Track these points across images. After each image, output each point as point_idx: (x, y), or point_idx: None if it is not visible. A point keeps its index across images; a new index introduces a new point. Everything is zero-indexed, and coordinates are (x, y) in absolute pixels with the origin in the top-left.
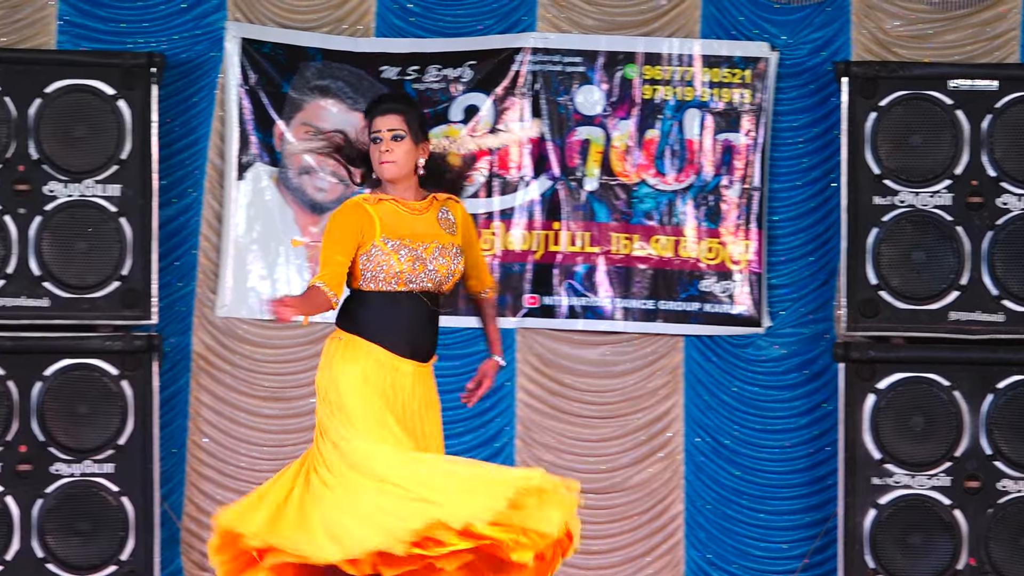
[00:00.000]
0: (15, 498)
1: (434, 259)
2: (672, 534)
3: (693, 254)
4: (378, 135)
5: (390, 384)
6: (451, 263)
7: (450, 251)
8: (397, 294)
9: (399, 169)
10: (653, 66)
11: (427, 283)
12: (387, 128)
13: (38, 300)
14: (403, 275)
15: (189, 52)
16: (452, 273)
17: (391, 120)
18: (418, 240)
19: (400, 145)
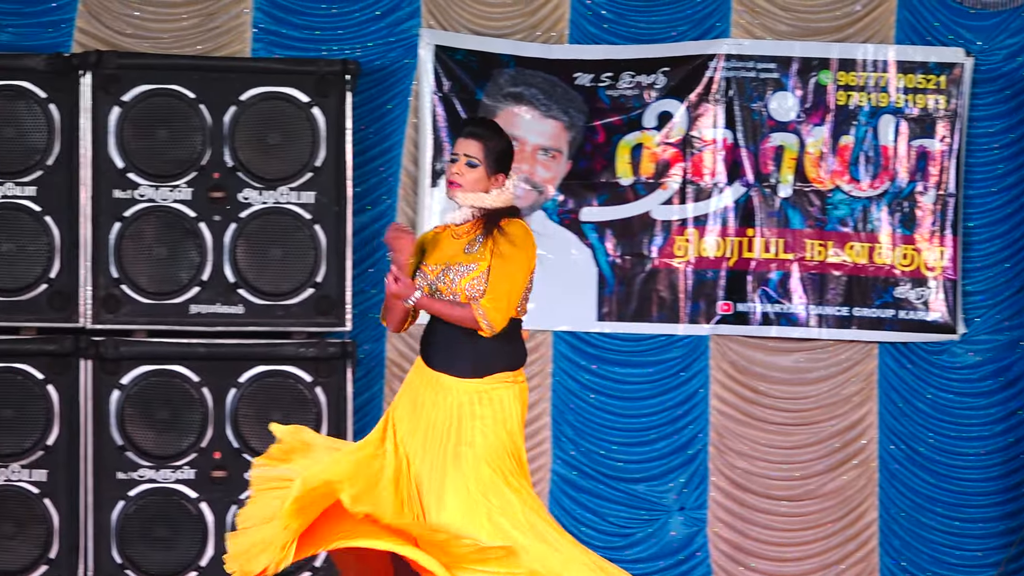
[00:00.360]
0: (210, 505)
1: (439, 280)
2: (866, 542)
3: (888, 261)
4: (456, 156)
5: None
6: (452, 283)
7: (454, 270)
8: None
9: (462, 195)
10: (847, 72)
11: None
12: (464, 152)
13: (233, 307)
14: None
15: (383, 59)
16: (455, 291)
17: (470, 145)
18: (430, 263)
19: (471, 172)
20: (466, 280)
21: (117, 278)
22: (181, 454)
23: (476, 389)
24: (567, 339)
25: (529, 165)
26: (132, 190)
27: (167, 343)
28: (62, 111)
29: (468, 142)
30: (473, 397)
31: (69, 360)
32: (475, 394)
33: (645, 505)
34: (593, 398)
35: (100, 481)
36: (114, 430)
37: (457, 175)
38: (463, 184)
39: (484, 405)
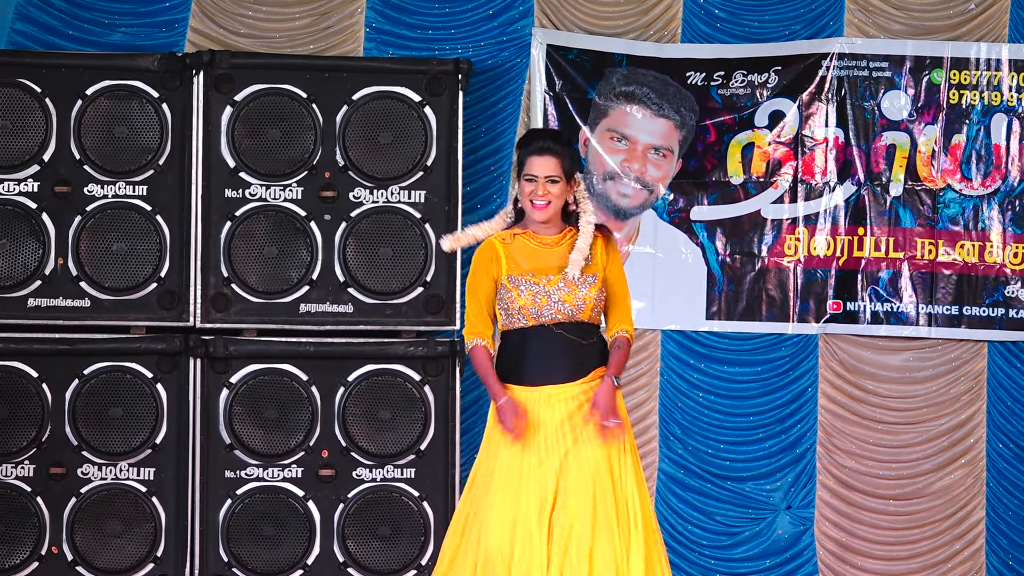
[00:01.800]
0: (317, 503)
1: (558, 290)
2: (973, 540)
3: (998, 259)
4: (534, 177)
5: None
6: (578, 292)
7: (581, 280)
8: (528, 330)
9: (551, 212)
10: (960, 71)
11: (557, 316)
12: (544, 174)
13: (342, 306)
14: (526, 309)
15: (495, 58)
16: (583, 302)
17: (548, 163)
18: (541, 274)
19: (555, 187)
20: (594, 290)
21: (227, 277)
22: (289, 453)
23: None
24: (676, 338)
25: (640, 164)
26: (243, 189)
27: (276, 342)
28: (174, 111)
29: (545, 159)
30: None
31: (178, 359)
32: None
33: (752, 504)
34: (701, 397)
35: (208, 479)
36: (222, 429)
37: (542, 196)
38: (550, 201)
39: None
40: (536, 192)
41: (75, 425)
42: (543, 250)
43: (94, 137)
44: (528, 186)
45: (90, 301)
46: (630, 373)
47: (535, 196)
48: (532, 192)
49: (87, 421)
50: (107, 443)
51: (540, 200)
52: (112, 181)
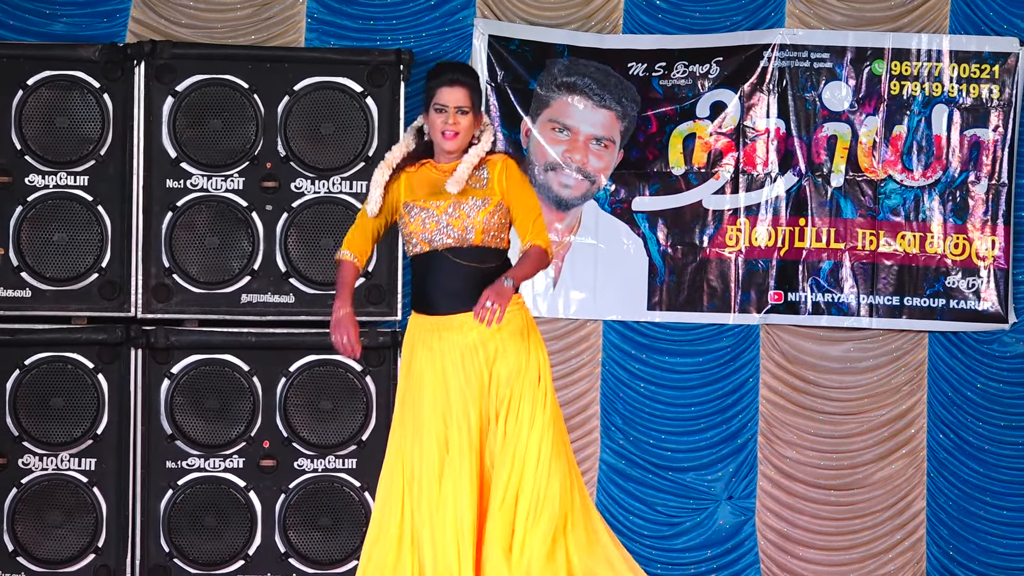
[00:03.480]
0: (258, 493)
1: (446, 215)
2: (914, 531)
3: (939, 250)
4: (444, 106)
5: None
6: (466, 217)
7: (466, 204)
8: (426, 256)
9: (461, 142)
10: (901, 62)
11: (447, 239)
12: (454, 104)
13: (284, 296)
14: (416, 235)
15: (437, 49)
16: (471, 227)
17: (458, 94)
18: (431, 199)
19: (464, 119)
20: (483, 213)
21: (168, 268)
22: (230, 443)
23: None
24: (617, 328)
25: (581, 155)
26: (184, 180)
27: (217, 332)
28: (115, 101)
29: (455, 90)
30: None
31: (119, 349)
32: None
33: (693, 494)
34: (643, 387)
35: (149, 470)
36: (164, 419)
37: (453, 125)
38: (459, 131)
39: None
40: (447, 121)
41: (16, 416)
42: (439, 176)
43: (35, 127)
44: (438, 117)
45: (31, 291)
46: (571, 364)
47: (446, 126)
48: (443, 122)
49: (28, 412)
50: (48, 433)
51: (450, 130)
52: (53, 171)
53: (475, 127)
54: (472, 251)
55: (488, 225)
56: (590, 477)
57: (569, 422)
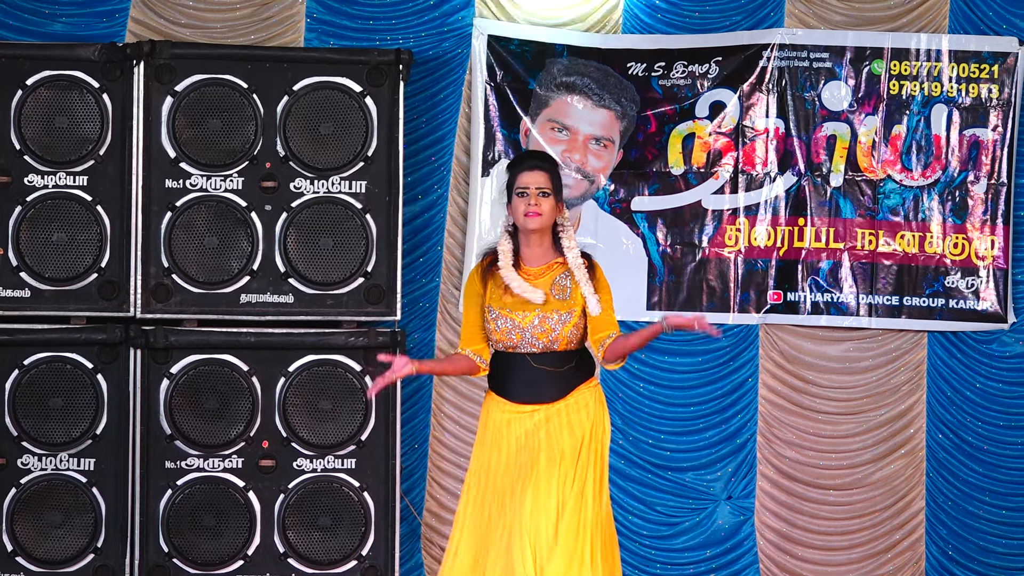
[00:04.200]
0: (257, 493)
1: (532, 328)
2: (913, 531)
3: (938, 250)
4: (525, 190)
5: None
6: (552, 331)
7: (552, 318)
8: (509, 354)
9: (543, 222)
10: (900, 61)
11: (531, 348)
12: (535, 185)
13: (283, 296)
14: (502, 342)
15: (436, 49)
16: (557, 339)
17: (538, 177)
18: (517, 308)
19: (546, 201)
20: (568, 328)
21: (167, 268)
22: (229, 443)
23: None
24: None
25: (581, 154)
26: (183, 180)
27: (216, 332)
28: (114, 101)
29: (535, 174)
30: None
31: (119, 349)
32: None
33: (693, 494)
34: (642, 387)
35: (148, 470)
36: (163, 419)
37: (535, 206)
38: (542, 213)
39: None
40: (529, 202)
41: (15, 416)
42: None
43: (34, 127)
44: (520, 201)
45: (30, 291)
46: None
47: (528, 207)
48: (525, 204)
49: (27, 412)
50: (47, 433)
51: (533, 210)
52: (52, 171)
53: (556, 213)
54: (553, 356)
55: (572, 336)
56: None
57: None
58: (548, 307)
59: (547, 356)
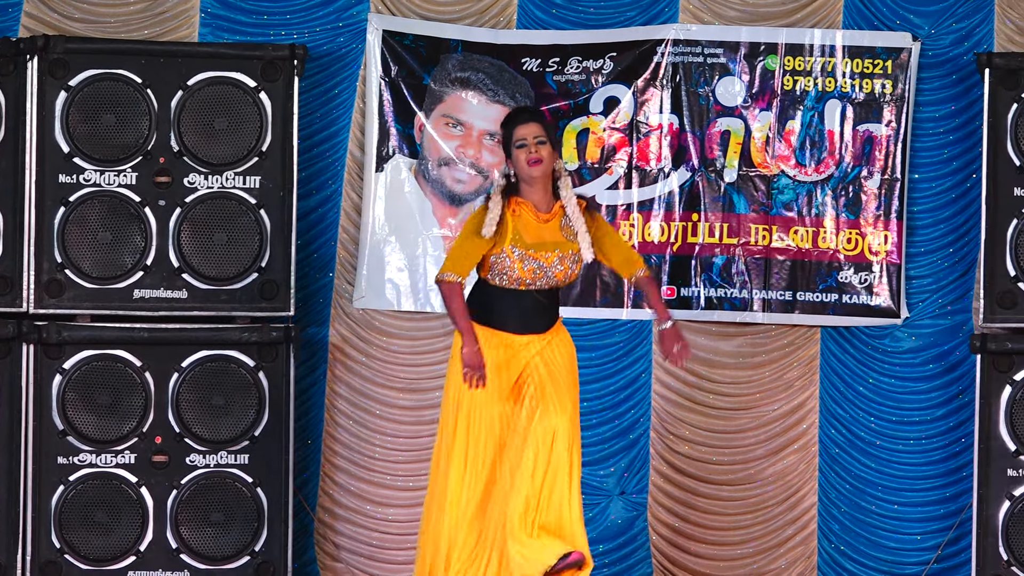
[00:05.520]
0: (150, 489)
1: (553, 267)
2: (805, 526)
3: (832, 245)
4: (524, 140)
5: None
6: (568, 269)
7: (568, 258)
8: (513, 290)
9: (544, 168)
10: (795, 57)
11: (544, 285)
12: (532, 135)
13: (177, 292)
14: (523, 280)
15: (331, 44)
16: (568, 277)
17: (533, 128)
18: (542, 250)
19: (544, 148)
20: (579, 266)
21: (61, 263)
22: (122, 439)
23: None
24: None
25: (475, 150)
26: (77, 175)
27: (110, 328)
28: (8, 96)
29: (530, 126)
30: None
31: (11, 345)
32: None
33: (586, 489)
34: None
35: (40, 466)
36: (55, 415)
37: (535, 153)
38: (543, 159)
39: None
40: (529, 151)
41: None
42: (541, 226)
43: None
44: (521, 152)
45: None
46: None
47: (529, 156)
48: (526, 153)
49: None
50: None
51: (535, 158)
52: None
53: (554, 159)
54: (552, 292)
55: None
56: None
57: None
58: (565, 247)
59: (551, 292)
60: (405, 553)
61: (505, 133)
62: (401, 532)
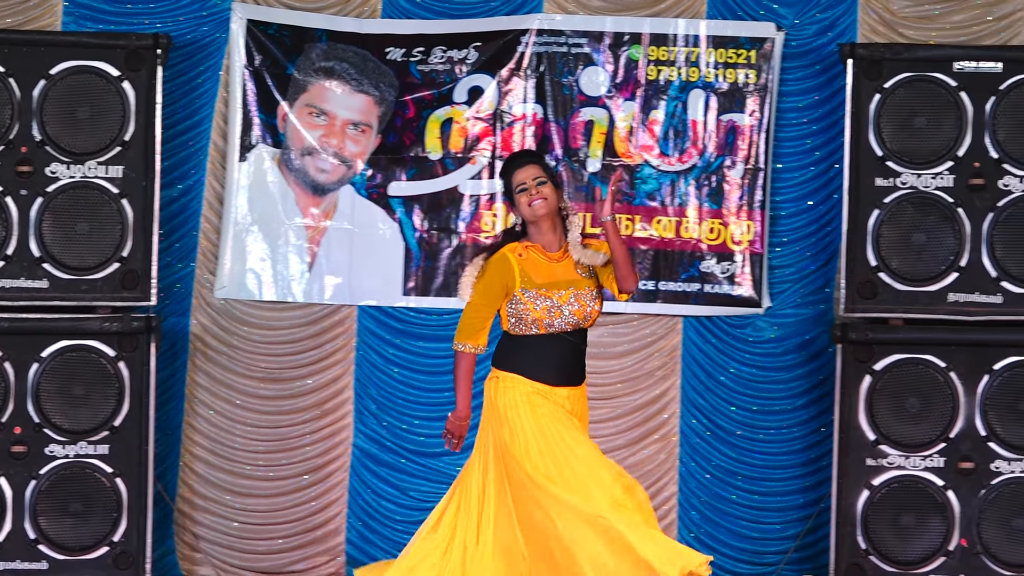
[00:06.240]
0: (8, 479)
1: (569, 305)
2: (665, 515)
3: (695, 235)
4: (524, 184)
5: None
6: (587, 306)
7: (585, 295)
8: (541, 337)
9: (549, 206)
10: (659, 47)
11: (566, 326)
12: (531, 178)
13: (37, 281)
14: (540, 321)
15: (195, 33)
16: (588, 315)
17: (531, 170)
18: (554, 288)
19: (545, 187)
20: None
21: None
22: None
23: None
24: (372, 313)
25: (338, 139)
26: None
27: None
28: None
29: (527, 169)
30: None
31: None
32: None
33: (446, 479)
34: (397, 372)
35: None
36: None
37: (538, 193)
38: (546, 197)
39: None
40: (531, 193)
41: None
42: (552, 265)
43: None
44: (522, 196)
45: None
46: (325, 348)
47: (532, 197)
48: (527, 196)
49: None
50: None
51: (537, 198)
52: None
53: (557, 197)
54: (581, 332)
55: (599, 312)
56: (343, 463)
57: (322, 407)
58: (580, 285)
59: (577, 332)
60: (265, 543)
61: (505, 182)
62: (261, 522)
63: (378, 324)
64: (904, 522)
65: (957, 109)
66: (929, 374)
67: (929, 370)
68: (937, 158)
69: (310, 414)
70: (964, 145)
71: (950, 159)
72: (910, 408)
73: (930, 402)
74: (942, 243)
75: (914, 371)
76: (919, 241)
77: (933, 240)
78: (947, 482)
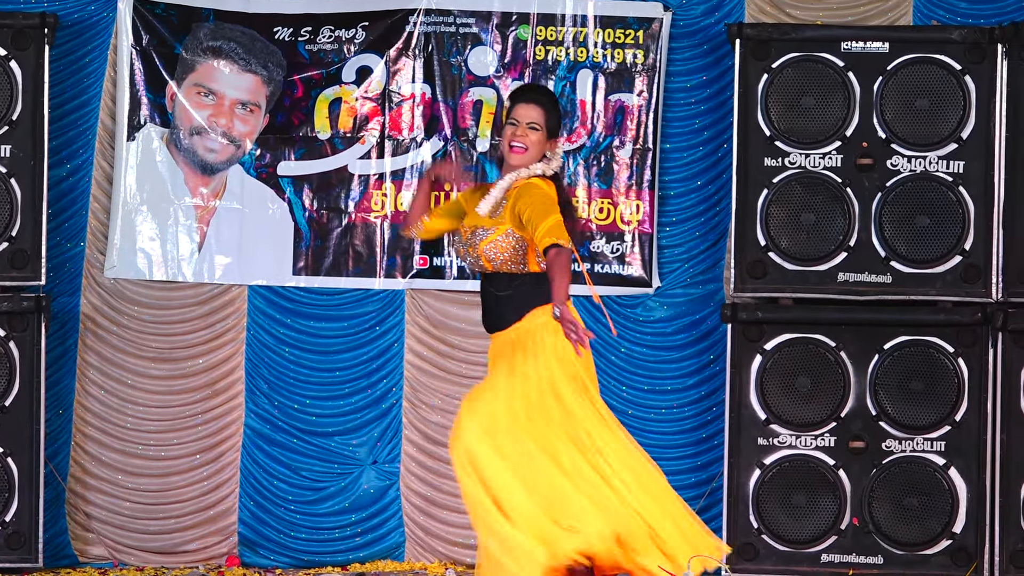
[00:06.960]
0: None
1: (470, 243)
2: None
3: (584, 215)
4: (516, 121)
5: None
6: (474, 247)
7: (478, 234)
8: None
9: (527, 159)
10: (547, 27)
11: (474, 267)
12: (527, 120)
13: None
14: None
15: (82, 12)
16: (479, 255)
17: (532, 112)
18: (466, 227)
19: (533, 135)
20: (484, 243)
21: None
22: None
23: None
24: (263, 293)
25: (227, 119)
26: None
27: None
28: None
29: (530, 108)
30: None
31: None
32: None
33: (338, 459)
34: (288, 352)
35: None
36: None
37: (521, 138)
38: (527, 147)
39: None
40: (515, 134)
41: None
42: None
43: None
44: (509, 129)
45: None
46: (216, 328)
47: (513, 139)
48: (512, 134)
49: None
50: None
51: (518, 143)
52: None
53: (544, 148)
54: (494, 278)
55: (493, 254)
56: (234, 443)
57: (214, 387)
58: (480, 222)
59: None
60: (157, 523)
61: (508, 104)
62: (153, 502)
63: (268, 304)
64: (796, 501)
65: (845, 89)
66: (819, 353)
67: (819, 349)
68: (825, 138)
69: (201, 394)
70: (852, 125)
71: (838, 139)
72: (801, 387)
73: (820, 381)
74: (831, 223)
75: (804, 350)
76: (808, 221)
77: (822, 220)
78: (838, 461)
